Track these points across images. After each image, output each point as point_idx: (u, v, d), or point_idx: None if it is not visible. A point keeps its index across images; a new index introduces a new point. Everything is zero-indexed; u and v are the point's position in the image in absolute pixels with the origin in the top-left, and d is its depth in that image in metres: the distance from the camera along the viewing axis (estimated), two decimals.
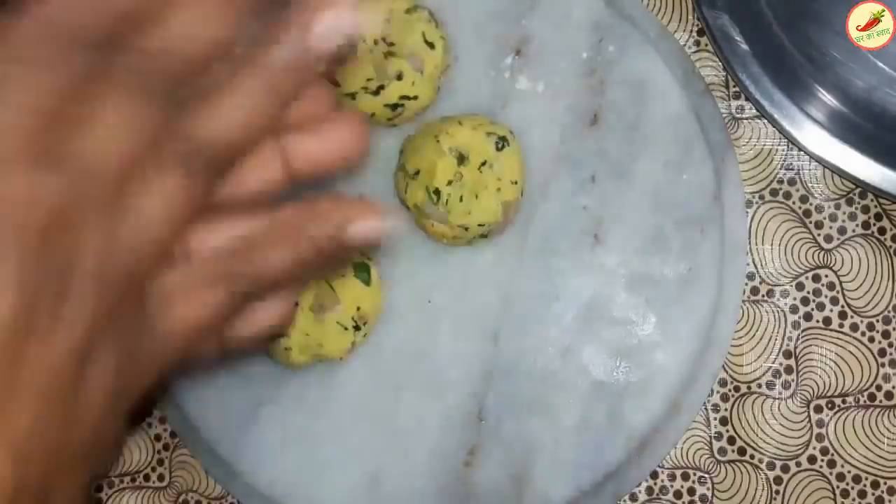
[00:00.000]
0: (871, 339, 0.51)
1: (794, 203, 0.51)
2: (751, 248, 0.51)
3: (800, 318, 0.51)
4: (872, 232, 0.51)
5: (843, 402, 0.51)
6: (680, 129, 0.50)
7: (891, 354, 0.51)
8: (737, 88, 0.51)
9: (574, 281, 0.50)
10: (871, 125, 0.50)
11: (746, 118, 0.51)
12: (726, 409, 0.51)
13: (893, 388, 0.51)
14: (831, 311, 0.51)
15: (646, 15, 0.51)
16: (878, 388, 0.51)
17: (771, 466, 0.51)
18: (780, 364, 0.51)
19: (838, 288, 0.51)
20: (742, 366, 0.51)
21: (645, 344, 0.50)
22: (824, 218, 0.51)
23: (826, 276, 0.51)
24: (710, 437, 0.51)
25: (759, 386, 0.51)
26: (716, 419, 0.51)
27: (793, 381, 0.51)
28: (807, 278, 0.51)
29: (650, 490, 0.51)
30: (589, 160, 0.51)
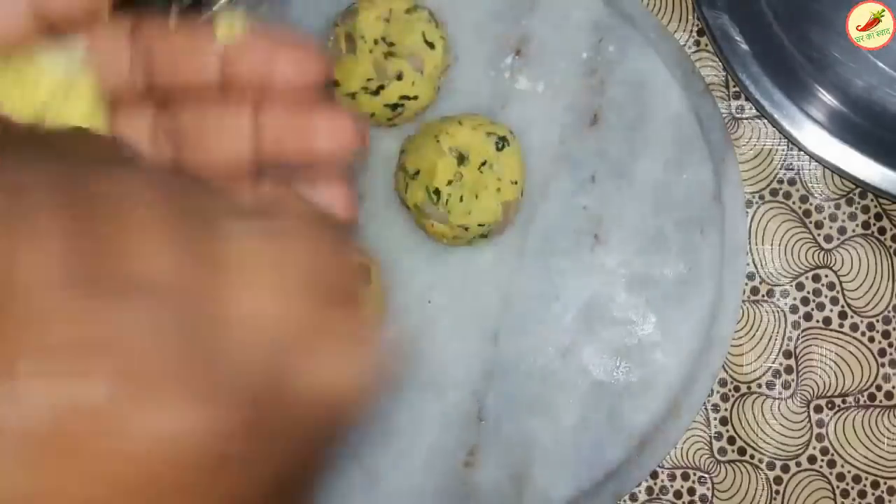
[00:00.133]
0: (871, 339, 0.51)
1: (794, 203, 0.51)
2: (751, 248, 0.51)
3: (800, 318, 0.51)
4: (872, 232, 0.51)
5: (843, 402, 0.51)
6: (680, 129, 0.50)
7: (891, 354, 0.51)
8: (737, 88, 0.51)
9: (574, 281, 0.50)
10: (870, 125, 0.50)
11: (746, 118, 0.51)
12: (726, 409, 0.51)
13: (893, 388, 0.51)
14: (831, 311, 0.51)
15: (646, 15, 0.51)
16: (878, 388, 0.51)
17: (771, 466, 0.51)
18: (780, 364, 0.51)
19: (838, 288, 0.51)
20: (742, 366, 0.51)
21: (645, 344, 0.50)
22: (824, 218, 0.51)
23: (826, 276, 0.51)
24: (710, 437, 0.51)
25: (759, 386, 0.51)
26: (716, 419, 0.51)
27: (793, 381, 0.51)
28: (807, 278, 0.51)
29: (650, 490, 0.51)
30: (589, 160, 0.51)
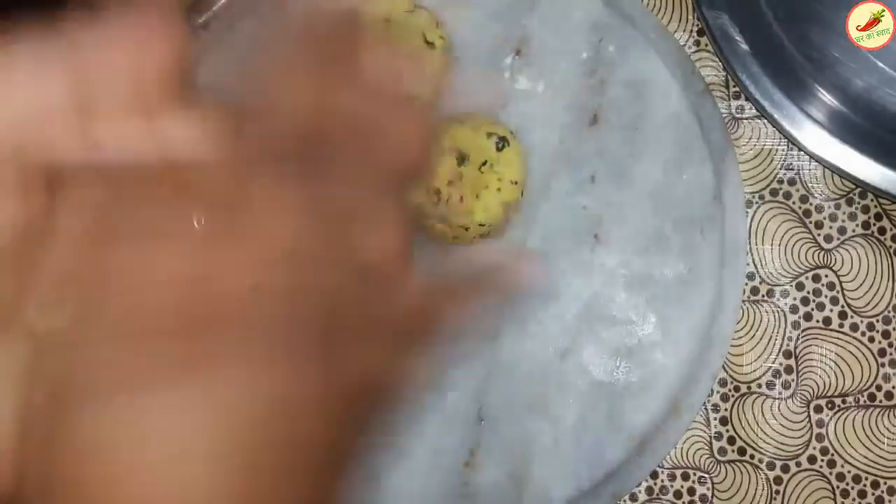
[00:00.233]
0: (871, 339, 0.51)
1: (794, 203, 0.51)
2: (751, 248, 0.51)
3: (800, 318, 0.51)
4: (872, 232, 0.51)
5: (843, 402, 0.51)
6: (680, 129, 0.50)
7: (891, 354, 0.51)
8: (737, 88, 0.51)
9: (574, 281, 0.50)
10: (870, 125, 0.50)
11: (746, 118, 0.51)
12: (726, 409, 0.51)
13: (893, 388, 0.51)
14: (831, 311, 0.51)
15: (646, 15, 0.51)
16: (878, 388, 0.51)
17: (771, 466, 0.51)
18: (780, 364, 0.51)
19: (838, 288, 0.51)
20: (742, 366, 0.51)
21: (645, 344, 0.50)
22: (824, 218, 0.51)
23: (826, 276, 0.51)
24: (710, 437, 0.51)
25: (759, 386, 0.51)
26: (716, 419, 0.51)
27: (793, 381, 0.51)
28: (807, 278, 0.51)
29: (650, 490, 0.51)
30: (589, 160, 0.51)
